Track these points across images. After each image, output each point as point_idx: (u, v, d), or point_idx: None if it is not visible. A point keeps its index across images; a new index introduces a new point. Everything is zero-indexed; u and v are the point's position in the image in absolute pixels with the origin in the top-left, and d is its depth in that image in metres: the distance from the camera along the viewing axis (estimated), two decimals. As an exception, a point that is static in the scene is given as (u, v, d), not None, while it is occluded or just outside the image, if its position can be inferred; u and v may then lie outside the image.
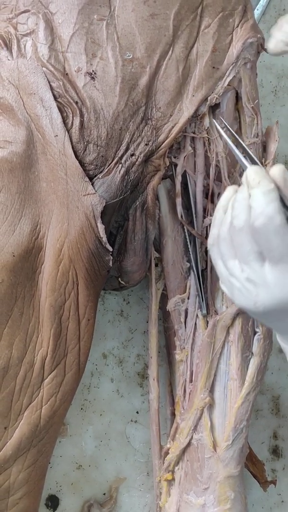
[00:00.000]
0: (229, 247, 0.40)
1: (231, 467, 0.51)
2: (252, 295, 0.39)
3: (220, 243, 0.40)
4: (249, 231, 0.38)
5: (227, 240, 0.40)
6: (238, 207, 0.39)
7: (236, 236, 0.39)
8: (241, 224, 0.39)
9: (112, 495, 0.56)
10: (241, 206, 0.39)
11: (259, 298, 0.39)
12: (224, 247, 0.40)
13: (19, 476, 0.48)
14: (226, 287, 0.41)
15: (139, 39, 0.49)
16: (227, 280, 0.41)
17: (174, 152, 0.51)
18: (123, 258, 0.50)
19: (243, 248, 0.39)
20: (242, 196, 0.39)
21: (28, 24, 0.49)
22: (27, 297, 0.48)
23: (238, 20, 0.50)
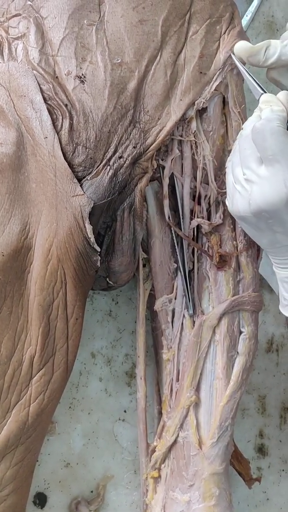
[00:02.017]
0: (237, 156, 0.45)
1: (216, 464, 0.52)
2: (248, 193, 0.44)
3: (233, 155, 0.46)
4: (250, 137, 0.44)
5: (237, 150, 0.46)
6: (249, 119, 0.46)
7: (242, 142, 0.45)
8: (247, 132, 0.45)
9: (99, 492, 0.57)
10: (251, 118, 0.45)
11: (253, 195, 0.44)
12: (235, 157, 0.46)
13: (7, 473, 0.49)
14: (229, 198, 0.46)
15: (128, 44, 0.50)
16: (232, 187, 0.46)
17: (161, 154, 0.52)
18: (111, 259, 0.51)
19: (245, 152, 0.44)
20: (254, 114, 0.46)
21: (19, 28, 0.50)
22: (16, 296, 0.48)
23: (225, 26, 0.52)
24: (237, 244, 0.53)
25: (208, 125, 0.52)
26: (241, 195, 0.45)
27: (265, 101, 0.46)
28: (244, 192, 0.45)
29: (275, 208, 0.43)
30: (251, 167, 0.44)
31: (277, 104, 0.45)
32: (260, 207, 0.44)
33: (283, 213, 0.43)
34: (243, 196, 0.45)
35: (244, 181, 0.45)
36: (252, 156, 0.44)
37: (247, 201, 0.44)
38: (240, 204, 0.45)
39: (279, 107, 0.44)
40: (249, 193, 0.44)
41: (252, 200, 0.44)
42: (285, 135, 0.43)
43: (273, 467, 0.61)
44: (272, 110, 0.44)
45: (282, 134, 0.43)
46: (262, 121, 0.44)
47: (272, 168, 0.43)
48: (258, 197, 0.44)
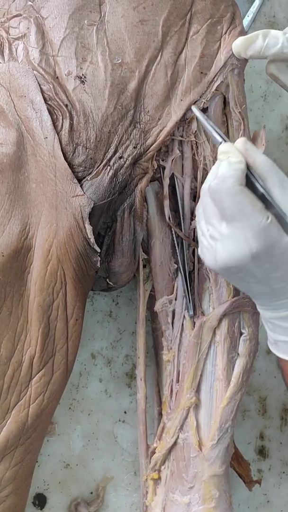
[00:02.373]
0: (201, 209, 0.45)
1: (216, 466, 0.51)
2: (213, 250, 0.44)
3: (198, 207, 0.46)
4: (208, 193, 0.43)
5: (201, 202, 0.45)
6: (210, 173, 0.45)
7: (203, 198, 0.44)
8: (206, 187, 0.44)
9: (99, 494, 0.57)
10: (211, 173, 0.44)
11: (218, 253, 0.44)
12: (199, 209, 0.45)
13: (6, 473, 0.49)
14: (200, 249, 0.46)
15: (128, 44, 0.50)
16: (200, 239, 0.46)
17: (162, 155, 0.52)
18: (111, 259, 0.51)
19: (207, 209, 0.44)
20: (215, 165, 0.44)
21: (20, 28, 0.50)
22: (16, 296, 0.48)
23: (226, 27, 0.51)
24: (238, 245, 0.53)
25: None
26: (208, 250, 0.44)
27: (223, 152, 0.44)
28: (210, 248, 0.44)
29: (241, 264, 0.43)
30: (213, 224, 0.43)
31: (235, 155, 0.43)
32: (227, 264, 0.43)
33: (251, 268, 0.43)
34: (209, 252, 0.44)
35: (209, 237, 0.44)
36: (213, 212, 0.43)
37: (213, 257, 0.44)
38: (207, 259, 0.45)
39: (236, 158, 0.43)
40: (214, 250, 0.44)
41: (218, 257, 0.43)
42: (242, 193, 0.42)
43: (274, 469, 0.61)
44: (229, 163, 0.42)
45: (238, 194, 0.42)
46: (216, 181, 0.42)
47: (232, 227, 0.42)
48: (223, 255, 0.43)
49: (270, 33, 0.48)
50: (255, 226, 0.42)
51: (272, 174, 0.43)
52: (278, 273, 0.43)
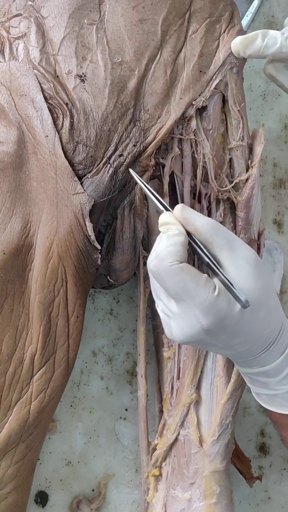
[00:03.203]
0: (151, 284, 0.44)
1: (216, 462, 0.52)
2: (168, 326, 0.43)
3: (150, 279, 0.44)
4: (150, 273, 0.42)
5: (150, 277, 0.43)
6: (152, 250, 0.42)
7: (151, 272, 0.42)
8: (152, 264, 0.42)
9: (101, 491, 0.57)
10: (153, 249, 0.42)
11: (173, 329, 0.42)
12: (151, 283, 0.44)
13: (8, 470, 0.49)
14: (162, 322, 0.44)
15: (128, 43, 0.50)
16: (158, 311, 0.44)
17: (161, 153, 0.52)
18: (111, 256, 0.51)
19: (154, 285, 0.43)
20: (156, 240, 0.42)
21: (20, 28, 0.50)
22: (17, 294, 0.49)
23: (225, 26, 0.52)
24: (238, 242, 0.53)
25: (208, 124, 0.52)
26: (165, 323, 0.43)
27: (163, 223, 0.42)
28: (165, 324, 0.43)
29: (196, 340, 0.41)
30: (163, 301, 0.42)
31: (175, 227, 0.41)
32: (183, 340, 0.42)
33: (209, 340, 0.42)
34: (166, 326, 0.43)
35: (161, 313, 0.43)
36: (160, 290, 0.42)
37: (170, 332, 0.43)
38: (166, 331, 0.44)
39: (175, 230, 0.41)
40: (169, 327, 0.43)
41: (173, 333, 0.42)
42: (182, 272, 0.40)
43: (275, 466, 0.61)
44: (168, 238, 0.41)
45: (177, 273, 0.40)
46: (154, 262, 0.41)
47: (180, 305, 0.41)
48: (177, 332, 0.42)
49: (269, 33, 0.49)
50: (201, 303, 0.40)
51: (218, 238, 0.41)
52: (239, 339, 0.42)
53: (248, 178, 0.53)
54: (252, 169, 0.53)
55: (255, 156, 0.53)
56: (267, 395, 0.46)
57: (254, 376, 0.45)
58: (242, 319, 0.41)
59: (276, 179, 0.64)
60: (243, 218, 0.53)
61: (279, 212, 0.63)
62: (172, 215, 0.42)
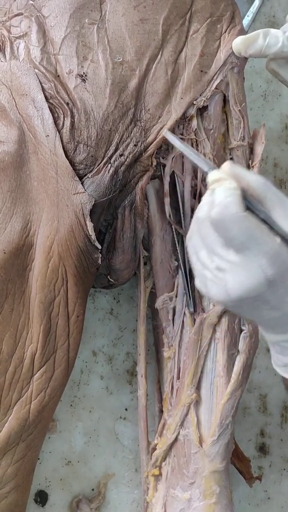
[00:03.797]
0: (199, 239, 0.41)
1: (216, 462, 0.52)
2: (223, 283, 0.40)
3: (192, 237, 0.42)
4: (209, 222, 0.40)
5: (195, 231, 0.41)
6: (202, 202, 0.41)
7: (201, 227, 0.41)
8: (203, 216, 0.40)
9: (100, 491, 0.57)
10: (205, 201, 0.41)
11: (230, 285, 0.40)
12: (195, 239, 0.41)
13: (8, 470, 0.49)
14: (200, 282, 0.42)
15: (129, 43, 0.50)
16: (201, 273, 0.42)
17: (162, 153, 0.52)
18: (112, 256, 0.51)
19: (208, 239, 0.40)
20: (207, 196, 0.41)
21: (21, 27, 0.50)
22: (18, 293, 0.49)
23: (226, 25, 0.52)
24: (238, 242, 0.53)
25: (209, 124, 0.52)
26: (215, 283, 0.40)
27: (214, 180, 0.40)
28: (217, 281, 0.40)
29: (256, 294, 0.39)
30: (219, 254, 0.40)
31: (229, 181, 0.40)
32: (241, 296, 0.39)
33: (266, 295, 0.39)
34: (217, 285, 0.40)
35: (215, 269, 0.40)
36: (216, 242, 0.40)
37: (224, 290, 0.40)
38: (215, 292, 0.40)
39: (230, 184, 0.39)
40: (225, 283, 0.40)
41: (230, 289, 0.39)
42: (247, 219, 0.38)
43: (274, 466, 0.61)
44: (225, 190, 0.39)
45: (243, 220, 0.38)
46: (217, 210, 0.39)
47: (243, 255, 0.39)
48: (236, 287, 0.39)
49: (270, 32, 0.49)
50: (268, 251, 0.38)
51: (270, 194, 0.39)
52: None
53: (249, 178, 0.53)
54: (253, 169, 0.53)
55: (256, 156, 0.53)
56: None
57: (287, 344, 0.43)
58: None
59: (277, 179, 0.64)
60: (244, 218, 0.53)
61: (280, 212, 0.63)
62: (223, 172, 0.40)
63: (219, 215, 0.39)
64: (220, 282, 0.40)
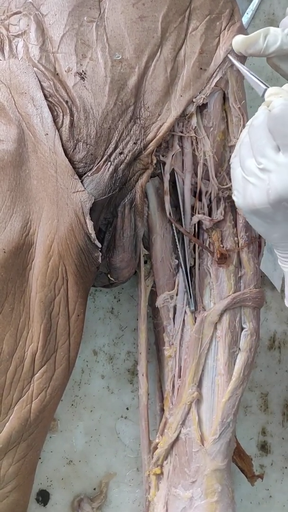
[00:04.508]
0: (248, 149, 0.44)
1: (218, 461, 0.52)
2: (266, 183, 0.43)
3: (240, 149, 0.45)
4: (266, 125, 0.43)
5: (247, 143, 0.44)
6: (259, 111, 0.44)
7: (254, 133, 0.44)
8: (260, 121, 0.44)
9: (102, 490, 0.57)
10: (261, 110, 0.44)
11: (272, 184, 0.42)
12: (244, 150, 0.44)
13: (9, 469, 0.49)
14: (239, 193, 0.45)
15: (128, 41, 0.50)
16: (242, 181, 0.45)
17: (162, 150, 0.52)
18: (112, 255, 0.51)
19: (260, 142, 0.43)
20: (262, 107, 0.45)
21: (20, 25, 0.50)
22: (18, 293, 0.49)
23: (225, 23, 0.52)
24: (238, 240, 0.53)
25: (209, 121, 0.52)
26: (256, 187, 0.43)
27: (273, 93, 0.45)
28: (260, 183, 0.43)
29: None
30: (268, 156, 0.43)
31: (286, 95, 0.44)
32: (281, 196, 0.42)
33: None
34: (259, 187, 0.43)
35: (260, 172, 0.43)
36: (268, 144, 0.43)
37: (265, 192, 0.43)
38: (255, 196, 0.43)
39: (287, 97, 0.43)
40: (267, 183, 0.42)
41: (272, 189, 0.42)
42: None
43: (276, 464, 0.61)
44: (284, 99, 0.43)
45: None
46: (280, 107, 0.42)
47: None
48: (278, 185, 0.42)
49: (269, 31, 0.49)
50: None
51: None
52: None
53: (249, 176, 0.53)
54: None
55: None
56: None
57: None
58: None
59: (277, 177, 0.63)
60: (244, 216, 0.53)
61: (280, 210, 0.63)
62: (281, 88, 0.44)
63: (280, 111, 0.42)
64: (263, 184, 0.43)
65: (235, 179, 0.46)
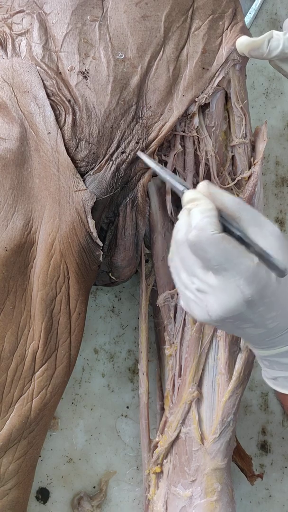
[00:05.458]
0: (179, 261, 0.42)
1: (218, 460, 0.52)
2: (204, 304, 0.41)
3: (173, 258, 0.42)
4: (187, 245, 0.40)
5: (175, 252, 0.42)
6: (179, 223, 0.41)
7: (179, 250, 0.41)
8: (181, 239, 0.41)
9: (102, 488, 0.57)
10: (182, 222, 0.41)
11: (210, 306, 0.41)
12: (176, 261, 0.42)
13: (10, 467, 0.49)
14: (184, 301, 0.43)
15: (130, 40, 0.50)
16: (183, 293, 0.42)
17: (164, 150, 0.52)
18: (113, 253, 0.51)
19: (187, 261, 0.41)
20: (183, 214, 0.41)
21: (23, 24, 0.50)
22: (19, 291, 0.49)
23: (228, 22, 0.52)
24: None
25: (211, 121, 0.52)
26: (197, 305, 0.41)
27: (190, 200, 0.41)
28: (199, 301, 0.41)
29: (237, 314, 0.40)
30: (198, 276, 0.41)
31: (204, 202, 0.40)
32: (222, 316, 0.40)
33: (246, 314, 0.41)
34: (199, 307, 0.41)
35: (196, 291, 0.41)
36: (195, 264, 0.40)
37: (205, 312, 0.41)
38: (198, 313, 0.41)
39: (206, 205, 0.40)
40: (206, 305, 0.41)
41: (211, 311, 0.41)
42: (224, 240, 0.39)
43: (276, 464, 0.61)
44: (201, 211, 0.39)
45: (220, 241, 0.39)
46: (194, 233, 0.39)
47: (221, 276, 0.40)
48: (217, 308, 0.40)
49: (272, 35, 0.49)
50: (245, 271, 0.39)
51: (244, 213, 0.40)
52: (273, 313, 0.41)
53: (251, 175, 0.53)
54: (255, 167, 0.53)
55: (258, 154, 0.53)
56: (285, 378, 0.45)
57: (275, 358, 0.44)
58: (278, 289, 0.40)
59: (279, 177, 0.64)
60: (245, 215, 0.53)
61: (281, 211, 0.63)
62: (199, 192, 0.41)
63: (196, 237, 0.39)
64: (201, 303, 0.41)
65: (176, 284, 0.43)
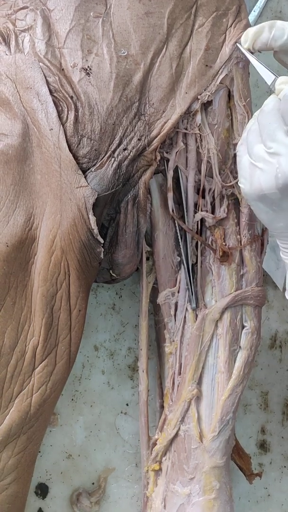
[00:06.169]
0: (256, 135, 0.45)
1: (216, 458, 0.52)
2: (275, 167, 0.43)
3: (248, 136, 0.46)
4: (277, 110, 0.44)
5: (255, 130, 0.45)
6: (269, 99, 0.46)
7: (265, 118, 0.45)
8: (271, 107, 0.45)
9: (100, 484, 0.57)
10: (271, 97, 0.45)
11: (281, 167, 0.43)
12: (252, 136, 0.45)
13: (9, 461, 0.49)
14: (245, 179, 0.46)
15: (133, 37, 0.50)
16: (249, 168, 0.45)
17: (166, 147, 0.52)
18: (114, 251, 0.51)
19: (270, 126, 0.44)
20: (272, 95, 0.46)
21: (26, 20, 0.50)
22: (20, 287, 0.49)
23: (231, 20, 0.52)
24: (241, 238, 0.53)
25: (213, 118, 0.52)
26: (264, 172, 0.44)
27: (285, 81, 0.46)
28: (268, 168, 0.44)
29: None
30: (279, 139, 0.44)
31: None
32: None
33: None
34: (267, 172, 0.44)
35: (269, 156, 0.44)
36: (279, 128, 0.44)
37: (273, 176, 0.43)
38: (263, 181, 0.44)
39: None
40: (277, 167, 0.43)
41: (281, 173, 0.43)
42: None
43: (275, 463, 0.61)
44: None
45: None
46: None
47: None
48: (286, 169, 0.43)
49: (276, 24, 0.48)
50: None
51: None
52: None
53: (253, 174, 0.53)
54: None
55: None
56: None
57: None
58: None
59: (281, 176, 0.63)
60: (247, 214, 0.53)
61: (284, 209, 0.63)
62: None
63: None
64: (271, 168, 0.44)
65: (241, 166, 0.46)
